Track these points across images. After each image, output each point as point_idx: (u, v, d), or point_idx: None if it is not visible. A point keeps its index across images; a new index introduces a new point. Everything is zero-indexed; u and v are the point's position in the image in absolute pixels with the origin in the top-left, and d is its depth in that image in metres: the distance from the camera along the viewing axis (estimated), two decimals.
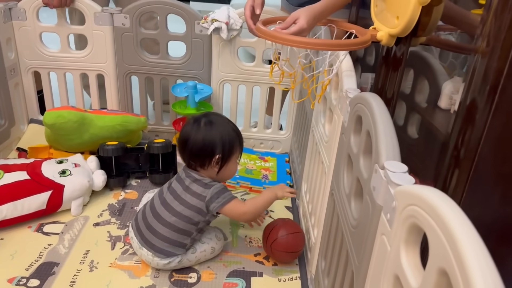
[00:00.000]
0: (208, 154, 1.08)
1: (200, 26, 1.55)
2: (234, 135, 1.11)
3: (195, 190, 1.07)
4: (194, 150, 1.08)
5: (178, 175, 1.14)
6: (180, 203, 1.07)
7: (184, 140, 1.10)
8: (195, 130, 1.09)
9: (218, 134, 1.08)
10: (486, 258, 0.41)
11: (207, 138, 1.08)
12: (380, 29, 0.96)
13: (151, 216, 1.09)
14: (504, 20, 0.62)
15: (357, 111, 0.88)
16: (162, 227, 1.06)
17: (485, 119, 0.67)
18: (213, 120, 1.11)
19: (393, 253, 0.59)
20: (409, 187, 0.57)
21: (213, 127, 1.09)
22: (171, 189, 1.11)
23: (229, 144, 1.09)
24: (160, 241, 1.07)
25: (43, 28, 1.60)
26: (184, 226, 1.06)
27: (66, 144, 1.47)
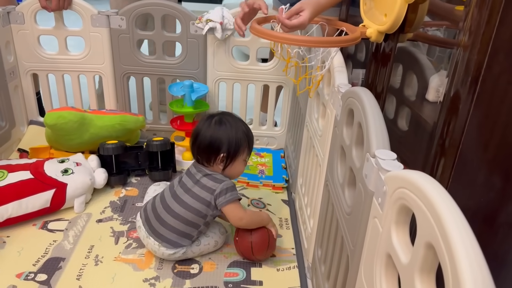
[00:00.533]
0: (214, 151, 1.12)
1: (195, 27, 1.59)
2: (242, 136, 1.14)
3: (205, 183, 1.11)
4: (202, 146, 1.13)
5: (188, 170, 1.18)
6: (190, 196, 1.11)
7: (194, 135, 1.15)
8: (205, 127, 1.13)
9: (226, 134, 1.12)
10: (467, 230, 0.45)
11: (214, 136, 1.12)
12: (369, 26, 1.01)
13: (161, 207, 1.13)
14: (483, 16, 0.67)
15: (348, 105, 0.92)
16: (171, 218, 1.10)
17: (467, 109, 0.72)
18: (224, 119, 1.14)
19: (384, 234, 0.63)
20: (398, 172, 0.62)
21: (222, 126, 1.13)
22: (182, 183, 1.15)
23: (235, 145, 1.13)
24: (168, 232, 1.10)
25: (41, 31, 1.63)
26: (192, 218, 1.11)
27: (67, 144, 1.50)
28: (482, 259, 0.43)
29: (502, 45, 0.68)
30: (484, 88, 0.70)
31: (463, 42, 0.72)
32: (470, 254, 0.43)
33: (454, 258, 0.43)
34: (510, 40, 0.68)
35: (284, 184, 1.54)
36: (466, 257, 0.42)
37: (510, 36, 0.67)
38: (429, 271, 0.51)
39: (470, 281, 0.41)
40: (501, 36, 0.67)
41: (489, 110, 0.72)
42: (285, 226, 1.35)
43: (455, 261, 0.42)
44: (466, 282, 0.40)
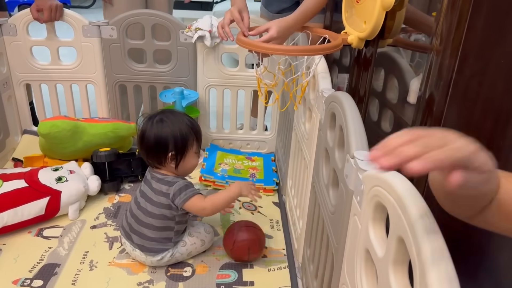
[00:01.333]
0: (162, 151, 1.12)
1: (184, 35, 1.62)
2: (187, 130, 1.13)
3: (160, 189, 1.12)
4: (148, 148, 1.13)
5: (145, 177, 1.19)
6: (150, 203, 1.12)
7: (139, 138, 1.14)
8: (148, 128, 1.12)
9: (169, 131, 1.11)
10: (433, 225, 0.49)
11: (158, 135, 1.11)
12: (350, 33, 1.05)
13: (133, 220, 1.15)
14: (452, 22, 0.71)
15: (331, 109, 0.96)
16: (143, 229, 1.13)
17: (441, 111, 0.76)
18: (165, 117, 1.13)
19: (363, 230, 0.67)
20: (373, 171, 0.66)
21: (164, 124, 1.12)
22: (142, 192, 1.16)
23: (181, 140, 1.13)
24: (147, 241, 1.13)
25: (33, 42, 1.66)
26: (161, 223, 1.13)
27: (61, 152, 1.53)
28: (446, 251, 0.46)
29: (471, 50, 0.72)
30: (456, 90, 0.74)
31: (435, 46, 0.75)
32: (434, 247, 0.46)
33: (420, 250, 0.46)
34: (478, 44, 0.71)
35: (275, 187, 1.57)
36: (430, 249, 0.46)
37: (478, 41, 0.71)
38: (402, 263, 0.55)
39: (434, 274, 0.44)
40: (470, 41, 0.71)
41: (462, 111, 0.76)
42: (276, 227, 1.38)
43: (421, 254, 0.46)
44: (431, 275, 0.44)
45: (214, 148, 1.78)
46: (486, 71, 0.73)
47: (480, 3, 0.68)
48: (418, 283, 0.47)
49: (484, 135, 0.78)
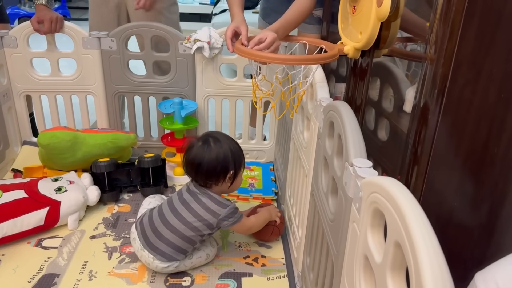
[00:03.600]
0: (223, 172, 1.16)
1: (183, 46, 1.64)
2: (239, 149, 1.20)
3: (209, 206, 1.14)
4: (208, 170, 1.15)
5: (188, 186, 1.21)
6: (192, 214, 1.14)
7: (196, 162, 1.15)
8: (206, 150, 1.15)
9: (228, 151, 1.16)
10: (428, 229, 0.50)
11: (220, 157, 1.15)
12: (346, 44, 1.07)
13: (159, 221, 1.15)
14: (445, 31, 0.73)
15: (329, 118, 0.97)
16: (169, 233, 1.13)
17: (436, 119, 0.77)
18: (216, 138, 1.17)
19: (362, 236, 0.68)
20: (371, 178, 0.67)
21: (219, 145, 1.16)
22: (183, 200, 1.17)
23: (239, 159, 1.18)
24: (164, 245, 1.13)
25: (33, 54, 1.67)
26: (191, 235, 1.14)
27: (60, 163, 1.54)
28: (442, 257, 0.47)
29: (464, 59, 0.73)
30: (450, 99, 0.75)
31: (429, 56, 0.77)
32: (430, 252, 0.47)
33: (416, 254, 0.47)
34: (471, 53, 0.73)
35: (274, 197, 1.58)
36: (427, 254, 0.47)
37: (471, 50, 0.73)
38: (399, 269, 0.56)
39: (430, 277, 0.45)
40: (463, 51, 0.73)
41: (456, 119, 0.77)
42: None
43: (417, 257, 0.47)
44: (427, 279, 0.45)
45: None
46: (479, 79, 0.75)
47: (472, 14, 0.70)
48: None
49: (479, 143, 0.80)
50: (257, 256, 1.28)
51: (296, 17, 1.27)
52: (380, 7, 0.91)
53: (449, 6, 0.71)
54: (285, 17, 1.25)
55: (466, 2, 0.70)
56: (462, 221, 0.88)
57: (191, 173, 1.18)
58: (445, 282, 0.45)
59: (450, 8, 0.71)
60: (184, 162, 1.19)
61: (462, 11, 0.70)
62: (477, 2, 0.70)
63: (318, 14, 1.54)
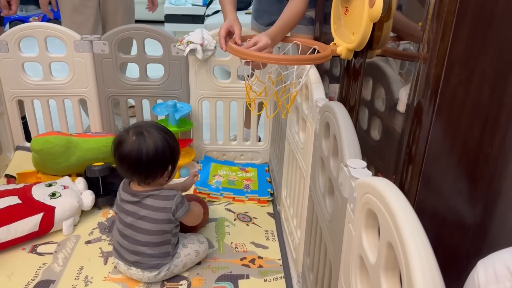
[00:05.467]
0: (161, 166, 1.11)
1: (176, 48, 1.64)
2: (174, 137, 1.15)
3: (157, 205, 1.11)
4: (145, 164, 1.08)
5: (122, 198, 1.15)
6: (148, 221, 1.10)
7: (136, 158, 1.07)
8: (136, 143, 1.07)
9: (166, 144, 1.10)
10: (419, 231, 0.50)
11: (157, 150, 1.08)
12: (339, 45, 1.07)
13: (126, 242, 1.13)
14: (437, 32, 0.73)
15: (325, 119, 0.97)
16: (141, 247, 1.11)
17: (430, 119, 0.77)
18: (151, 129, 1.10)
19: (356, 237, 0.68)
20: (364, 179, 0.67)
21: (157, 136, 1.09)
22: (130, 213, 1.13)
23: (176, 152, 1.14)
24: (145, 259, 1.12)
25: (25, 59, 1.66)
26: (160, 239, 1.12)
27: (54, 168, 1.53)
28: (433, 258, 0.48)
29: (457, 59, 0.74)
30: (443, 98, 0.76)
31: (422, 55, 0.77)
32: (421, 253, 0.47)
33: (407, 256, 0.47)
34: (463, 54, 0.74)
35: (269, 198, 1.58)
36: (417, 255, 0.47)
37: (463, 51, 0.73)
38: (392, 269, 0.56)
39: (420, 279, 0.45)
40: (455, 51, 0.73)
41: (450, 119, 0.78)
42: (271, 238, 1.38)
43: (408, 259, 0.47)
44: (418, 280, 0.45)
45: (208, 160, 1.78)
46: (472, 79, 0.75)
47: (464, 14, 0.71)
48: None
49: (472, 142, 0.80)
50: (253, 257, 1.28)
51: (292, 19, 1.27)
52: (372, 8, 0.91)
53: (441, 6, 0.71)
54: (282, 20, 1.25)
55: (458, 2, 0.70)
56: (457, 220, 0.88)
57: (128, 170, 1.11)
58: (435, 284, 0.45)
59: (442, 8, 0.71)
60: (118, 158, 1.10)
61: (454, 11, 0.70)
62: (469, 2, 0.70)
63: (310, 14, 1.54)
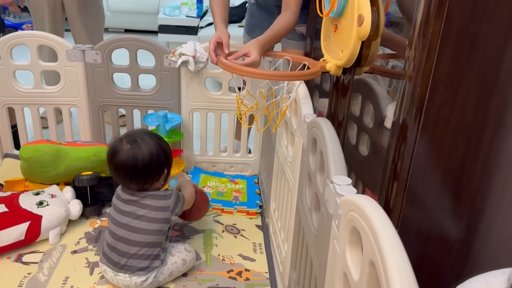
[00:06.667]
0: (156, 171, 1.14)
1: (168, 60, 1.65)
2: (166, 143, 1.19)
3: (156, 205, 1.13)
4: (138, 171, 1.11)
5: (119, 196, 1.17)
6: (144, 220, 1.12)
7: (132, 165, 1.10)
8: (132, 151, 1.10)
9: (160, 149, 1.14)
10: (400, 251, 0.51)
11: (152, 156, 1.11)
12: (328, 61, 1.09)
13: (119, 242, 1.13)
14: (422, 52, 0.75)
15: (312, 134, 0.99)
16: (133, 248, 1.12)
17: (414, 137, 0.79)
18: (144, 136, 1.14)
19: (341, 254, 0.69)
20: (348, 196, 0.68)
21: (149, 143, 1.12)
22: (126, 213, 1.14)
23: (169, 155, 1.18)
24: (136, 260, 1.12)
25: (16, 67, 1.66)
26: (154, 239, 1.13)
27: (42, 176, 1.52)
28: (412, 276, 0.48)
29: (441, 79, 0.75)
30: (428, 117, 0.77)
31: (408, 74, 0.79)
32: (402, 273, 0.48)
33: (388, 276, 0.48)
34: (448, 74, 0.75)
35: (258, 210, 1.58)
36: (398, 275, 0.48)
37: (448, 71, 0.75)
38: (375, 287, 0.56)
39: None
40: (440, 71, 0.75)
41: (434, 137, 0.79)
42: (259, 250, 1.38)
43: (389, 279, 0.48)
44: None
45: (197, 171, 1.79)
46: (456, 98, 0.77)
47: (448, 35, 0.72)
48: None
49: (456, 160, 0.81)
50: (240, 270, 1.28)
51: (281, 30, 1.31)
52: (361, 27, 0.93)
53: (426, 27, 0.73)
54: (271, 30, 1.29)
55: (443, 23, 0.72)
56: (442, 236, 0.89)
57: (125, 178, 1.13)
58: None
59: (427, 29, 0.73)
60: (113, 167, 1.13)
61: (439, 33, 0.72)
62: (453, 24, 0.72)
63: (301, 30, 1.56)
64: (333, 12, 1.02)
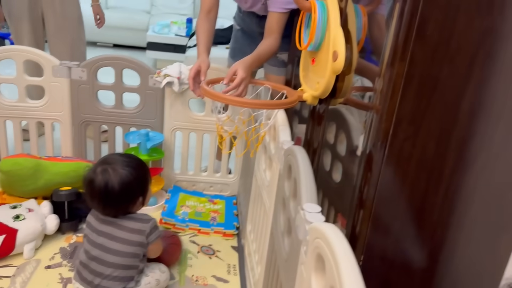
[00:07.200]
0: (129, 200, 1.16)
1: (153, 80, 1.68)
2: (142, 170, 1.19)
3: (133, 227, 1.14)
4: (115, 199, 1.13)
5: (97, 215, 1.17)
6: (121, 243, 1.13)
7: (106, 192, 1.11)
8: (114, 178, 1.12)
9: (132, 178, 1.13)
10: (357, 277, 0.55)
11: (129, 182, 1.12)
12: (306, 91, 1.14)
13: (94, 262, 1.13)
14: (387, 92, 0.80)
15: (288, 161, 1.03)
16: (108, 269, 1.12)
17: (379, 169, 0.83)
18: (116, 162, 1.15)
19: (306, 279, 0.72)
20: (316, 224, 0.72)
21: (124, 168, 1.13)
22: (102, 233, 1.15)
23: (145, 182, 1.20)
24: (111, 282, 1.13)
25: (2, 80, 1.68)
26: (129, 261, 1.14)
27: (21, 190, 1.52)
28: None
29: (405, 116, 0.81)
30: (392, 150, 0.82)
31: (375, 107, 0.84)
32: None
33: None
34: (411, 111, 0.81)
35: (235, 231, 1.61)
36: None
37: (410, 109, 0.80)
38: None
39: None
40: (403, 108, 0.80)
41: (398, 169, 0.84)
42: (233, 272, 1.40)
43: None
44: None
45: (176, 190, 1.81)
46: (418, 134, 0.82)
47: (411, 77, 0.78)
48: None
49: (418, 192, 0.86)
50: None
51: (265, 53, 1.40)
52: (335, 62, 0.99)
53: (391, 69, 0.79)
54: (256, 52, 1.37)
55: (406, 66, 0.77)
56: (405, 263, 0.93)
57: (99, 206, 1.15)
58: None
59: (393, 70, 0.79)
60: (89, 194, 1.15)
61: (402, 74, 0.78)
62: (416, 67, 0.78)
63: (282, 58, 1.62)
64: (311, 46, 1.08)
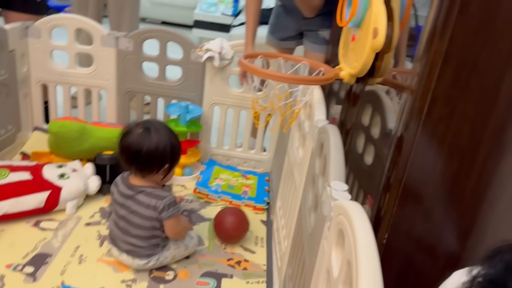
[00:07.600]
0: (158, 163, 1.15)
1: (195, 54, 1.72)
2: (178, 142, 1.19)
3: (149, 203, 1.15)
4: (144, 159, 1.12)
5: (119, 189, 1.19)
6: (139, 217, 1.16)
7: (136, 150, 1.12)
8: (144, 138, 1.12)
9: (168, 144, 1.14)
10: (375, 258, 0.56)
11: (158, 148, 1.12)
12: (343, 69, 1.13)
13: (120, 232, 1.19)
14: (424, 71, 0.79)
15: (321, 139, 1.04)
16: (132, 239, 1.18)
17: (410, 147, 0.83)
18: (159, 128, 1.16)
19: (327, 253, 0.74)
20: (340, 201, 0.73)
21: (160, 135, 1.14)
22: (122, 205, 1.18)
23: (177, 153, 1.18)
24: (137, 248, 1.19)
25: (54, 46, 1.77)
26: (150, 233, 1.18)
27: (67, 151, 1.62)
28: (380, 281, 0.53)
29: (440, 96, 0.79)
30: (424, 130, 0.81)
31: (410, 87, 0.83)
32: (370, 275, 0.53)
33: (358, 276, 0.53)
34: (446, 92, 0.79)
35: (265, 206, 1.64)
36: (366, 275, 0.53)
37: (447, 89, 0.79)
38: (350, 284, 0.61)
39: None
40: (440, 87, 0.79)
41: (429, 150, 0.83)
42: (260, 244, 1.44)
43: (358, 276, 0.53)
44: None
45: (211, 163, 1.86)
46: (453, 116, 0.80)
47: (450, 56, 0.76)
48: None
49: (449, 174, 0.85)
50: (240, 259, 1.34)
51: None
52: (375, 39, 0.97)
53: (430, 46, 0.77)
54: None
55: (446, 44, 0.76)
56: (431, 246, 0.92)
57: (127, 160, 1.15)
58: None
59: (431, 48, 0.77)
60: (120, 147, 1.15)
61: (441, 53, 0.76)
62: (455, 46, 0.76)
63: (324, 35, 1.61)
64: (352, 22, 1.07)
